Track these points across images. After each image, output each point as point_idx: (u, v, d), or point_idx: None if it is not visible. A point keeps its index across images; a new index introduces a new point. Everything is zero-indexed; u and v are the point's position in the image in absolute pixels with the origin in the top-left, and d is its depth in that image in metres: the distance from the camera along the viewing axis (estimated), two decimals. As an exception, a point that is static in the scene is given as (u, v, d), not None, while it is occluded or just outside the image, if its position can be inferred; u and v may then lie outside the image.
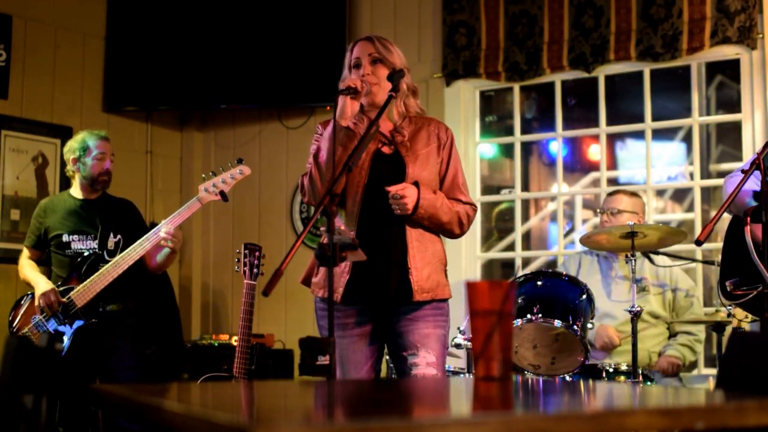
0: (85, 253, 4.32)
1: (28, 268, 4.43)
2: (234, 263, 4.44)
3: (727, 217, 3.51)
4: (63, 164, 5.45)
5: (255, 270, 4.40)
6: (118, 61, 5.80)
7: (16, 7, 5.35)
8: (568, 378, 3.86)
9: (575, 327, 3.66)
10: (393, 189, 2.99)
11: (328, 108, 5.76)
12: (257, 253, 4.44)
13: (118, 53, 5.80)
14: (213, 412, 1.24)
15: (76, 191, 4.48)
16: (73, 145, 4.45)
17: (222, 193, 4.21)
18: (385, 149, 3.13)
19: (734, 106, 5.14)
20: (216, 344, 5.32)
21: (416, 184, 3.04)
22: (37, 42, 5.44)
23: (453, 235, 3.19)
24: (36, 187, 5.36)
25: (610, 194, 4.57)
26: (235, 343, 4.45)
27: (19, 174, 5.29)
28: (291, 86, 5.70)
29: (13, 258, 5.16)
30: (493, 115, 6.01)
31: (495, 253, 6.01)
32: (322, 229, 2.45)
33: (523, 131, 5.53)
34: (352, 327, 3.09)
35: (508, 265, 5.72)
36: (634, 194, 4.54)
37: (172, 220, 4.20)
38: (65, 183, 5.45)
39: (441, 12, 5.40)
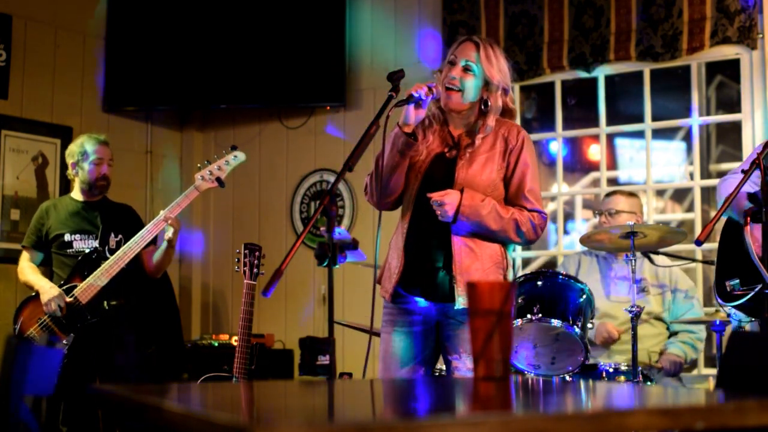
0: (87, 252, 4.34)
1: (29, 271, 4.43)
2: (234, 263, 4.44)
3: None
4: (63, 164, 5.46)
5: (255, 270, 4.40)
6: (118, 61, 5.79)
7: (16, 7, 5.34)
8: (568, 378, 3.86)
9: (575, 327, 3.66)
10: (434, 195, 2.96)
11: (328, 108, 5.76)
12: (257, 253, 4.43)
13: (118, 53, 5.80)
14: (213, 412, 1.24)
15: (76, 194, 4.52)
16: (72, 149, 4.49)
17: (218, 180, 4.25)
18: (449, 153, 3.08)
19: (734, 106, 5.14)
20: (216, 344, 5.32)
21: (463, 190, 2.97)
22: (37, 42, 5.44)
23: (514, 243, 3.09)
24: (36, 187, 5.36)
25: (608, 195, 4.56)
26: (235, 343, 4.45)
27: (19, 174, 5.29)
28: (291, 86, 5.70)
29: (13, 258, 5.16)
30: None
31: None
32: (322, 229, 2.45)
33: (523, 131, 5.52)
34: (401, 325, 3.10)
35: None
36: (631, 194, 4.53)
37: (171, 209, 4.26)
38: (65, 183, 5.45)
39: (441, 12, 5.40)
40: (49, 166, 5.43)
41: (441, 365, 3.37)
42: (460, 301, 2.98)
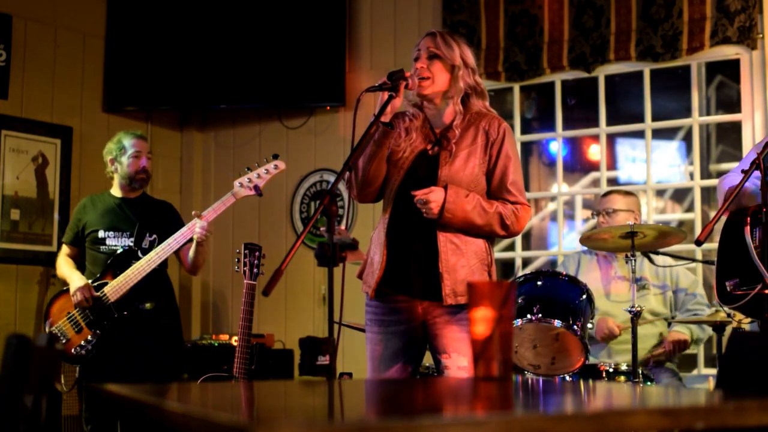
0: (119, 250, 4.38)
1: (64, 265, 4.48)
2: (234, 263, 4.44)
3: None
4: (63, 164, 5.47)
5: (255, 270, 4.40)
6: (118, 61, 5.79)
7: (16, 7, 5.34)
8: (568, 378, 3.86)
9: (575, 327, 3.65)
10: (419, 193, 2.96)
11: (328, 108, 5.76)
12: (257, 253, 4.43)
13: (118, 53, 5.80)
14: (213, 412, 1.24)
15: (116, 191, 4.56)
16: (110, 146, 4.54)
17: (256, 188, 4.25)
18: (432, 150, 3.10)
19: (734, 106, 5.14)
20: (216, 344, 5.32)
21: (446, 187, 2.98)
22: (37, 42, 5.44)
23: (499, 236, 3.14)
24: (36, 187, 5.36)
25: (605, 195, 4.55)
26: (235, 343, 4.44)
27: (19, 174, 5.29)
28: (291, 86, 5.70)
29: (13, 258, 5.16)
30: (495, 115, 6.00)
31: (495, 253, 6.01)
32: (322, 229, 2.45)
33: (523, 131, 5.53)
34: (387, 324, 3.10)
35: (508, 265, 5.72)
36: (628, 193, 4.53)
37: (207, 214, 4.28)
38: (65, 183, 5.46)
39: (441, 12, 5.40)
40: (49, 166, 5.43)
41: (428, 361, 3.37)
42: (448, 299, 2.98)
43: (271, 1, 5.74)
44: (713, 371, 4.82)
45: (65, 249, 4.54)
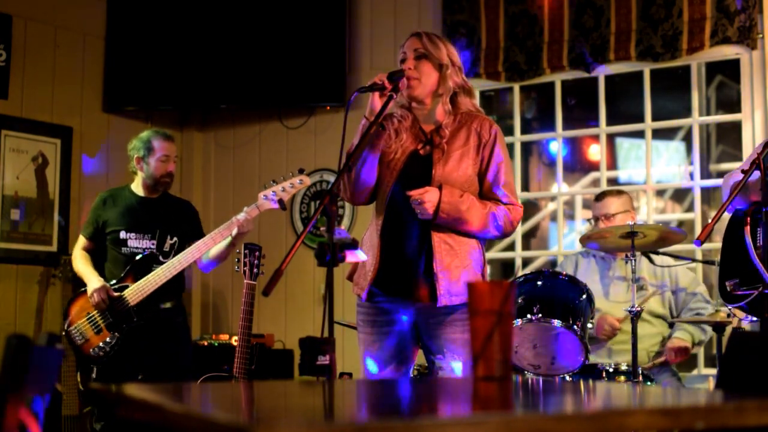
0: (140, 253, 4.34)
1: (81, 261, 4.40)
2: (234, 263, 4.44)
3: (727, 216, 3.51)
4: (63, 164, 5.47)
5: (255, 270, 4.40)
6: (118, 61, 5.79)
7: (16, 7, 5.34)
8: (568, 378, 3.86)
9: (575, 327, 3.65)
10: (414, 193, 2.97)
11: (328, 108, 5.76)
12: (257, 253, 4.43)
13: (118, 53, 5.80)
14: (213, 412, 1.24)
15: (137, 188, 4.49)
16: (137, 143, 4.45)
17: (280, 202, 4.20)
18: (423, 150, 3.10)
19: (734, 106, 5.14)
20: (216, 344, 5.32)
21: (441, 187, 2.99)
22: (37, 42, 5.44)
23: (492, 236, 3.14)
24: (36, 187, 5.36)
25: (598, 199, 4.51)
26: (235, 343, 4.45)
27: (19, 174, 5.29)
28: (291, 86, 5.70)
29: (13, 258, 5.16)
30: (493, 115, 6.01)
31: (495, 253, 6.01)
32: (322, 229, 2.45)
33: (523, 131, 5.53)
34: (380, 324, 3.10)
35: (508, 265, 5.72)
36: (620, 192, 4.51)
37: (228, 226, 4.24)
38: (65, 183, 5.46)
39: (441, 12, 5.40)
40: (49, 166, 5.43)
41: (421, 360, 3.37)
42: (443, 300, 2.98)
43: (271, 2, 5.74)
44: (713, 371, 4.82)
45: (83, 242, 4.45)
